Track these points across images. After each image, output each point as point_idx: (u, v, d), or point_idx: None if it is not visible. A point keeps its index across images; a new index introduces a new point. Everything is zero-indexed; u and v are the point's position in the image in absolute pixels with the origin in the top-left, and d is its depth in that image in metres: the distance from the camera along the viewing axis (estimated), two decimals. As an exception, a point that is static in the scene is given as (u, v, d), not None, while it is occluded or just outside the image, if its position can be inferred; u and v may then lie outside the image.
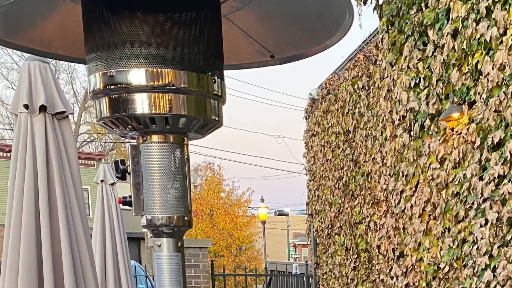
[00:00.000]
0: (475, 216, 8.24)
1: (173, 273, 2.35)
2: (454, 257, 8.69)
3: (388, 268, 10.87)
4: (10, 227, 4.74)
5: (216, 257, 39.92)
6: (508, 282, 7.54)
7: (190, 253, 14.58)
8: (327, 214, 14.67)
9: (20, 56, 41.80)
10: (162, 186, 2.38)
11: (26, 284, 4.62)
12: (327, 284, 14.85)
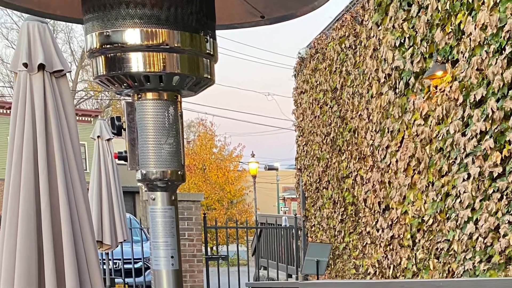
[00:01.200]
0: (458, 171, 8.28)
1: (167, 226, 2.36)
2: (438, 210, 8.73)
3: (374, 221, 10.93)
4: (10, 181, 4.75)
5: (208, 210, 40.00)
6: (490, 234, 7.59)
7: (183, 206, 14.60)
8: (315, 168, 14.70)
9: (19, 17, 41.56)
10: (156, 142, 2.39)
11: (25, 235, 4.63)
12: (315, 236, 14.91)
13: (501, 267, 7.43)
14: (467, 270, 7.96)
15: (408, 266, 9.53)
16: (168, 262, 2.32)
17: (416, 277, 9.33)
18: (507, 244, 7.30)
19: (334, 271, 13.47)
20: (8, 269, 4.68)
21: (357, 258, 12.12)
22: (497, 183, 7.54)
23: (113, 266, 16.36)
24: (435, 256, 8.87)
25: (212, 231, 17.26)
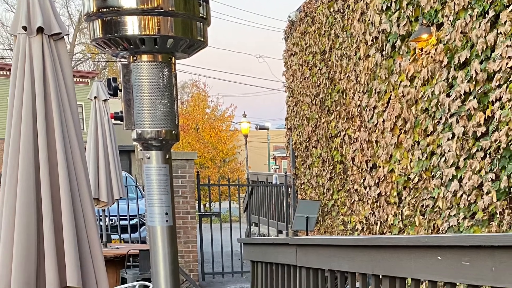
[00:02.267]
0: (442, 130, 8.29)
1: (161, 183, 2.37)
2: (423, 168, 8.75)
3: (361, 179, 10.95)
4: (9, 140, 4.75)
5: (202, 168, 40.04)
6: (474, 192, 7.62)
7: (177, 164, 14.61)
8: (305, 128, 14.71)
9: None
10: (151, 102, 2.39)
11: (24, 192, 4.64)
12: (304, 194, 14.95)
13: (485, 223, 7.46)
14: (451, 227, 8.00)
15: (395, 223, 9.57)
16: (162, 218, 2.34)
17: (402, 233, 9.37)
18: (490, 201, 7.34)
19: (323, 228, 13.52)
20: (7, 225, 4.69)
21: (345, 214, 12.16)
22: (480, 142, 7.55)
23: (109, 222, 16.40)
24: (420, 213, 8.91)
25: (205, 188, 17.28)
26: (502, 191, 7.21)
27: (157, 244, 2.24)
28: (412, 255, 4.78)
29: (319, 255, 6.44)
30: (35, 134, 4.73)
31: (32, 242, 4.66)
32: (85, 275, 4.83)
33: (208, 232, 16.15)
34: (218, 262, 16.67)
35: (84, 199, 4.91)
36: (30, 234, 4.66)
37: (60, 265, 4.70)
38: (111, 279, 11.21)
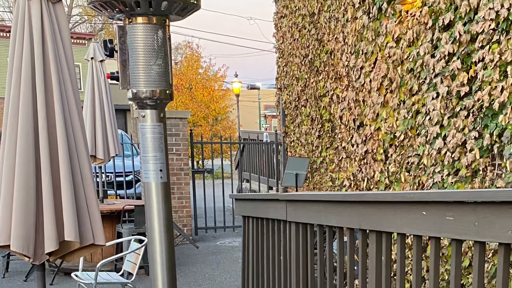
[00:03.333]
0: (427, 90, 8.29)
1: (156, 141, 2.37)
2: (409, 126, 8.76)
3: (349, 137, 10.95)
4: (9, 100, 4.73)
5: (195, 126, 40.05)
6: (457, 149, 7.63)
7: (171, 123, 14.61)
8: (294, 88, 14.68)
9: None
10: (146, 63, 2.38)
11: (23, 150, 4.64)
12: (294, 151, 14.96)
13: (468, 180, 7.49)
14: (436, 183, 8.02)
15: (381, 179, 9.59)
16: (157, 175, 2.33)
17: (388, 189, 9.40)
18: (473, 158, 7.35)
19: (312, 184, 13.55)
20: (7, 182, 4.69)
21: (333, 171, 12.18)
22: (464, 102, 7.55)
23: (106, 179, 16.42)
24: (406, 169, 8.92)
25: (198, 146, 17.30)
26: (484, 148, 7.23)
27: (151, 200, 2.24)
28: (397, 211, 4.79)
29: (308, 211, 6.45)
30: (34, 93, 4.72)
31: (31, 198, 4.66)
32: (82, 229, 4.83)
33: (201, 188, 16.19)
34: (210, 217, 16.73)
35: (81, 156, 4.90)
36: (29, 191, 4.66)
37: (58, 220, 4.71)
38: (107, 233, 11.25)
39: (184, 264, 12.91)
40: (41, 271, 4.98)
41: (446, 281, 7.62)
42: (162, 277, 2.16)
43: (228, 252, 14.39)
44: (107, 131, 11.59)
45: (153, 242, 2.20)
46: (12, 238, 4.63)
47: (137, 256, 8.79)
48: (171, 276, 2.18)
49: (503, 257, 3.71)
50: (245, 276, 8.65)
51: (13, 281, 11.61)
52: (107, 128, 11.59)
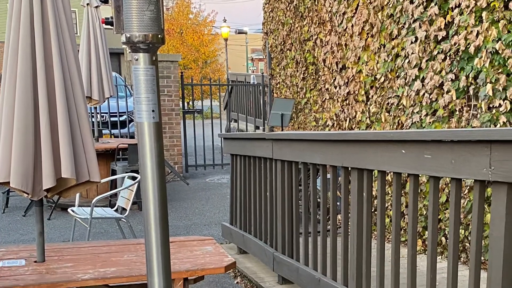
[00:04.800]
0: (406, 34, 8.26)
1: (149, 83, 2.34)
2: (389, 69, 8.74)
3: (332, 79, 10.93)
4: (9, 43, 4.68)
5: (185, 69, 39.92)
6: (435, 91, 7.63)
7: (163, 66, 14.54)
8: (280, 32, 14.60)
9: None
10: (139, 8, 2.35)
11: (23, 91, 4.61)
12: (280, 92, 14.93)
13: (445, 120, 7.50)
14: (414, 123, 8.03)
15: (363, 119, 9.60)
16: (149, 115, 2.32)
17: (369, 128, 9.41)
18: (450, 99, 7.35)
19: (297, 124, 13.56)
20: (7, 122, 4.66)
21: (317, 112, 12.18)
22: (441, 45, 7.53)
23: (101, 119, 16.39)
24: (386, 110, 8.92)
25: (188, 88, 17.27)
26: (461, 90, 7.23)
27: (144, 139, 2.22)
28: (378, 149, 4.80)
29: (293, 149, 6.46)
30: (32, 37, 4.67)
31: (30, 137, 4.65)
32: (79, 167, 4.82)
33: (191, 128, 16.18)
34: (200, 156, 16.77)
35: (77, 97, 4.87)
36: (28, 130, 4.64)
37: (56, 158, 4.70)
38: (102, 170, 11.25)
39: (175, 200, 12.95)
40: (39, 206, 4.98)
41: (424, 216, 7.67)
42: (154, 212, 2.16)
43: (217, 188, 14.43)
44: (102, 73, 11.54)
45: (145, 179, 2.19)
46: (12, 175, 4.63)
47: (130, 192, 8.80)
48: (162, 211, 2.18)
49: (478, 193, 3.72)
50: (233, 210, 8.69)
51: (12, 216, 11.64)
52: (102, 71, 11.54)
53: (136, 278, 4.63)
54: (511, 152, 3.40)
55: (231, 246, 8.86)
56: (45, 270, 4.74)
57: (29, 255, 5.17)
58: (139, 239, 6.30)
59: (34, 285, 4.39)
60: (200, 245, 5.55)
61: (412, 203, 4.44)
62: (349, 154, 5.24)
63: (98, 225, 10.71)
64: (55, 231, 10.42)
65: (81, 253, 5.30)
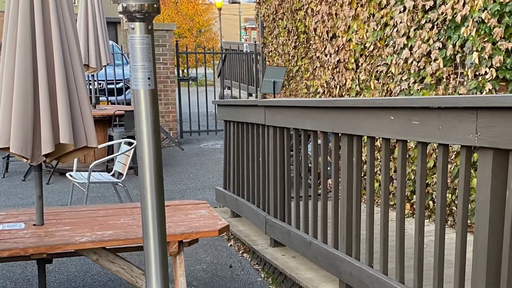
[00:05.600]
0: (395, 4, 8.23)
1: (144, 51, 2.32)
2: (378, 38, 8.71)
3: (323, 47, 10.89)
4: (9, 13, 4.65)
5: (180, 38, 39.74)
6: (423, 59, 7.61)
7: (158, 34, 14.48)
8: (272, 2, 14.52)
9: None
10: (135, -20, 2.32)
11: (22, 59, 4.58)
12: (272, 60, 14.89)
13: (432, 87, 7.48)
14: (403, 90, 8.02)
15: (352, 86, 9.58)
16: (145, 82, 2.30)
17: (359, 95, 9.40)
18: (437, 67, 7.34)
19: (288, 91, 13.53)
20: (7, 90, 4.64)
21: (308, 79, 12.15)
22: (429, 15, 7.50)
23: (98, 86, 16.34)
24: (375, 77, 8.91)
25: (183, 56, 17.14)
26: (448, 58, 7.21)
27: (140, 106, 2.21)
28: (368, 115, 4.79)
29: (285, 116, 6.45)
30: (31, 7, 4.63)
31: (29, 104, 4.63)
32: (76, 133, 4.81)
33: (186, 95, 16.14)
34: (194, 122, 16.75)
35: (75, 65, 4.84)
36: (27, 97, 4.62)
37: (54, 124, 4.69)
38: (99, 136, 11.24)
39: (170, 165, 12.96)
40: (38, 171, 4.97)
41: (412, 180, 7.69)
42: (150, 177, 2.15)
43: (211, 153, 14.44)
44: (99, 42, 11.49)
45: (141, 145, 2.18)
46: (12, 141, 4.62)
47: (126, 158, 8.80)
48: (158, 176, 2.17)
49: (465, 159, 3.72)
50: (226, 175, 8.70)
51: (12, 181, 11.64)
52: (99, 39, 11.49)
53: (132, 241, 4.63)
54: (496, 118, 3.40)
55: (225, 209, 8.88)
56: (44, 233, 4.74)
57: (29, 218, 5.17)
58: (135, 203, 6.30)
59: (33, 248, 4.39)
60: (195, 208, 5.56)
61: (400, 168, 4.44)
62: (339, 120, 5.23)
63: (96, 189, 10.72)
64: (54, 195, 10.43)
65: (79, 217, 5.30)
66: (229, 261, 7.23)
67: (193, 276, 6.70)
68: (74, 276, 6.76)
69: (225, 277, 6.72)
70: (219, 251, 7.59)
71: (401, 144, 4.43)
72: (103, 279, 6.64)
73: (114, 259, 4.90)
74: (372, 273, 4.80)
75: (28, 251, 4.39)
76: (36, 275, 5.25)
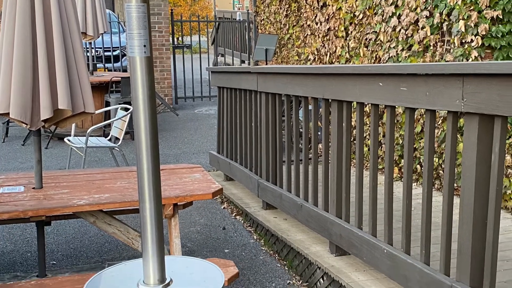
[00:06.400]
0: (385, -27, 8.18)
1: (140, 20, 2.30)
2: (367, 6, 8.66)
3: (313, 16, 10.84)
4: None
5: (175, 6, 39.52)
6: (411, 27, 7.58)
7: (154, 3, 14.39)
8: (264, -28, 14.44)
9: None
10: None
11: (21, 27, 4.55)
12: (264, 28, 14.81)
13: (420, 54, 7.46)
14: (391, 57, 8.00)
15: (342, 54, 9.54)
16: (141, 50, 2.28)
17: (348, 63, 9.37)
18: (425, 35, 7.31)
19: (280, 58, 13.48)
20: (7, 57, 4.62)
21: (299, 47, 12.10)
22: (417, -16, 7.47)
23: (95, 53, 16.28)
24: (364, 45, 8.87)
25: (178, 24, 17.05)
26: (435, 26, 7.18)
27: (136, 72, 2.19)
28: (357, 82, 4.77)
29: (277, 82, 6.42)
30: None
31: (28, 71, 4.60)
32: (74, 99, 4.79)
33: (181, 62, 16.09)
34: (189, 88, 16.70)
35: (73, 33, 4.81)
36: (27, 64, 4.59)
37: (53, 91, 4.66)
38: (97, 102, 11.21)
39: (165, 130, 12.94)
40: (37, 136, 4.95)
41: (400, 145, 7.69)
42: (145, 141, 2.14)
43: (205, 119, 14.41)
44: (96, 10, 11.41)
45: (137, 110, 2.16)
46: (11, 107, 4.60)
47: (123, 123, 8.78)
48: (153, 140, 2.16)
49: (452, 124, 3.71)
50: (220, 140, 8.69)
51: (12, 145, 11.62)
52: (96, 8, 11.41)
53: (128, 203, 4.63)
54: (482, 85, 3.39)
55: (218, 173, 8.88)
56: (43, 196, 4.73)
57: (28, 182, 5.16)
58: (131, 167, 6.29)
59: (33, 210, 4.39)
60: (189, 172, 5.55)
61: (389, 133, 4.44)
62: (329, 86, 5.22)
63: (93, 153, 10.71)
64: (52, 159, 10.41)
65: (76, 180, 5.29)
66: (222, 223, 7.25)
67: (188, 238, 6.71)
68: (72, 238, 6.77)
69: (218, 238, 6.74)
70: (213, 213, 7.61)
71: (389, 110, 4.42)
72: (100, 241, 6.65)
73: (111, 221, 4.90)
74: (361, 235, 4.81)
75: (28, 213, 4.38)
76: (35, 237, 5.25)
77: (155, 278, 2.20)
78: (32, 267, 5.76)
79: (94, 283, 2.27)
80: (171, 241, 4.90)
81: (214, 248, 6.42)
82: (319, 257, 5.36)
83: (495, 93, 3.30)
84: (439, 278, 3.82)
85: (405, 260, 4.19)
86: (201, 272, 2.38)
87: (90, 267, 5.28)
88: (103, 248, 6.45)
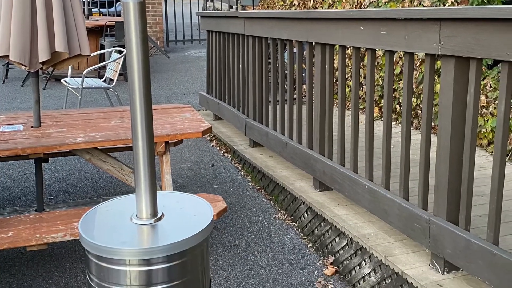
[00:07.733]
0: None
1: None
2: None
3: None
4: None
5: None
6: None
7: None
8: None
9: None
10: None
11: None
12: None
13: (399, 0, 7.40)
14: (371, 2, 7.94)
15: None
16: (134, -6, 2.24)
17: (331, 8, 9.29)
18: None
19: (266, 3, 13.36)
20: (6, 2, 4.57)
21: (285, -8, 12.00)
22: None
23: (90, -2, 16.13)
24: (346, -9, 8.80)
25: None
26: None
27: (129, 17, 2.15)
28: (339, 26, 4.73)
29: (263, 26, 6.37)
30: None
31: (27, 15, 4.55)
32: (71, 42, 4.75)
33: (172, 6, 15.93)
34: (180, 32, 16.60)
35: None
36: (25, 9, 4.54)
37: (50, 34, 4.63)
38: (92, 45, 11.11)
39: (157, 72, 12.88)
40: (36, 77, 4.91)
41: (380, 86, 7.67)
42: (138, 82, 2.12)
43: (195, 61, 14.34)
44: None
45: (131, 53, 2.13)
46: (11, 49, 4.56)
47: (117, 65, 8.73)
48: (146, 81, 2.14)
49: (429, 66, 3.70)
50: (209, 81, 8.65)
51: (11, 86, 11.57)
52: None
53: (122, 141, 4.61)
54: (458, 28, 3.36)
55: (208, 113, 8.86)
56: (41, 134, 4.71)
57: (26, 121, 5.13)
58: (125, 107, 6.26)
59: (31, 148, 4.37)
60: (180, 112, 5.53)
61: (369, 74, 4.41)
62: (313, 30, 5.17)
63: (88, 94, 10.66)
64: (50, 100, 10.36)
65: (73, 119, 5.27)
66: (211, 160, 7.26)
67: (178, 174, 6.72)
68: (69, 174, 6.77)
69: (207, 175, 6.75)
70: (202, 151, 7.61)
71: (370, 53, 4.39)
72: (95, 177, 6.66)
73: (106, 159, 4.89)
74: (343, 171, 4.83)
75: (26, 151, 4.36)
76: (34, 173, 5.24)
77: (148, 212, 2.20)
78: (31, 202, 5.77)
79: (90, 217, 2.27)
80: (162, 177, 4.91)
81: (204, 184, 6.43)
82: (303, 192, 5.38)
83: (470, 36, 3.28)
84: (417, 212, 3.84)
85: (385, 195, 4.21)
86: (191, 206, 2.38)
87: (86, 202, 5.27)
88: (98, 184, 6.46)
